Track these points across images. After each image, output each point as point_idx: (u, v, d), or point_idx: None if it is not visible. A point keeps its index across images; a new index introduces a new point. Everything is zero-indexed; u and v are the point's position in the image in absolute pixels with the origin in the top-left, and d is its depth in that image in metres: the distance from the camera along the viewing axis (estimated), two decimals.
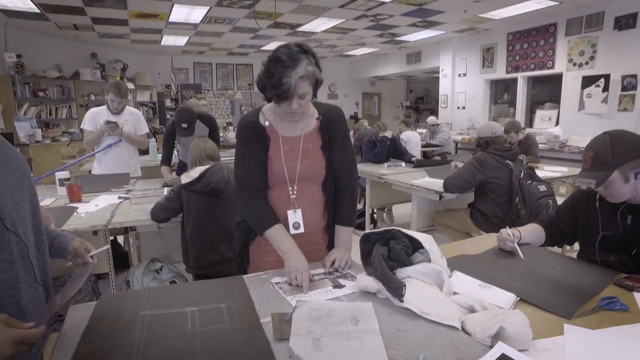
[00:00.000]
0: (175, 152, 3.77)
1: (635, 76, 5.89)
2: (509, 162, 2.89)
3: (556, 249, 2.35)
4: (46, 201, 2.70)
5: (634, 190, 1.44)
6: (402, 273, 1.23)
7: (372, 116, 14.16)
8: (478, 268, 1.48)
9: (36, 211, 1.03)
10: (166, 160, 3.56)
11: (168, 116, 10.64)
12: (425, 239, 1.26)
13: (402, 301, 1.12)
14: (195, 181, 2.12)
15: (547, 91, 7.53)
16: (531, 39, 7.31)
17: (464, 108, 8.91)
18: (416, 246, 1.28)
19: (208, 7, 6.24)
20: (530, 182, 2.86)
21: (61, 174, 2.95)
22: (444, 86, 9.30)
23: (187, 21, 7.12)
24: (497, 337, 0.99)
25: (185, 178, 2.17)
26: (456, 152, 7.97)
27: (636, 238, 1.48)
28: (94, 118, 3.51)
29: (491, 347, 0.96)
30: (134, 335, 1.03)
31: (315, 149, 1.48)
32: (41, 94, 7.69)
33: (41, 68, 7.75)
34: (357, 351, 0.94)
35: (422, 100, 14.85)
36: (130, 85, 9.26)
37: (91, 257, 1.20)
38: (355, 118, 12.78)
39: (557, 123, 7.07)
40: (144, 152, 4.83)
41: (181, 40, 8.82)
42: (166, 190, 2.87)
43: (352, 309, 1.12)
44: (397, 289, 1.14)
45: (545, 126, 7.24)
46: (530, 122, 7.74)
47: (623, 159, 1.41)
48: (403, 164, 4.41)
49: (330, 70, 13.02)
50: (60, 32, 7.67)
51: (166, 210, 2.21)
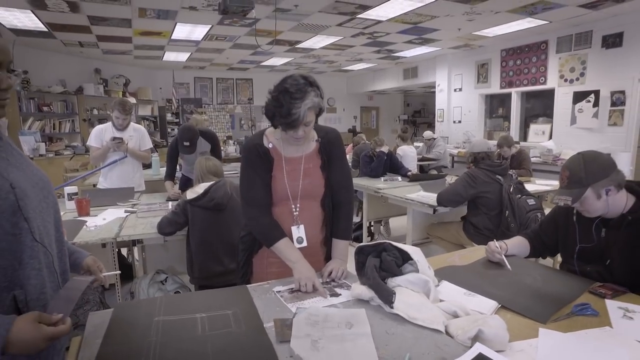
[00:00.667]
0: (177, 167, 3.90)
1: (623, 92, 6.07)
2: (499, 177, 3.03)
3: (544, 261, 2.47)
4: None
5: (606, 205, 1.57)
6: (393, 282, 1.35)
7: (371, 130, 14.35)
8: (464, 278, 1.60)
9: (59, 225, 1.15)
10: (170, 175, 3.68)
11: (169, 130, 10.80)
12: (413, 251, 1.39)
13: (392, 307, 1.24)
14: (200, 197, 2.24)
15: (541, 106, 7.72)
16: (524, 56, 7.53)
17: (460, 122, 9.09)
18: (406, 258, 1.41)
19: (210, 26, 6.44)
20: (519, 196, 2.99)
21: (70, 189, 3.07)
22: (440, 101, 9.50)
23: (189, 38, 7.31)
24: (477, 339, 1.10)
25: (190, 194, 2.29)
26: (452, 166, 8.11)
27: (609, 250, 1.60)
28: (100, 135, 3.64)
29: (470, 348, 1.07)
30: (150, 338, 1.14)
31: (315, 169, 1.61)
32: (45, 109, 7.86)
33: (46, 83, 7.92)
34: (351, 351, 1.06)
35: (420, 113, 15.06)
36: (132, 99, 9.44)
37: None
38: (353, 132, 12.95)
39: (551, 137, 7.24)
40: (147, 166, 4.96)
41: (183, 56, 9.02)
42: (170, 204, 2.99)
43: (347, 315, 1.24)
44: (388, 297, 1.26)
45: (539, 140, 7.41)
46: (524, 136, 7.91)
47: (595, 178, 1.54)
48: (399, 178, 4.54)
49: (328, 84, 13.25)
50: (65, 49, 7.86)
51: (172, 224, 2.33)
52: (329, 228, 1.69)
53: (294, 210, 1.60)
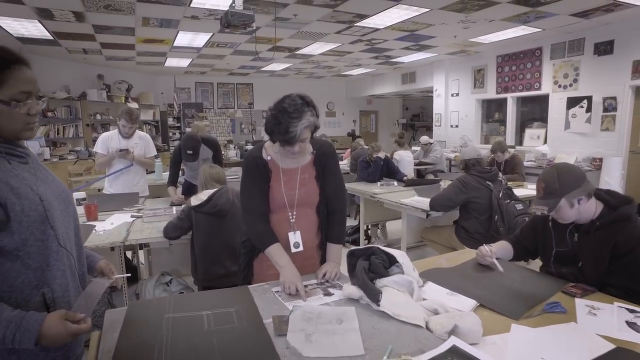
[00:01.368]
0: (180, 172, 4.03)
1: (614, 98, 6.22)
2: (489, 183, 3.17)
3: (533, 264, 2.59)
4: None
5: (578, 213, 1.72)
6: (380, 283, 1.48)
7: (370, 133, 14.50)
8: (448, 279, 1.73)
9: (77, 231, 1.29)
10: (173, 181, 3.81)
11: (170, 134, 10.96)
12: (399, 255, 1.52)
13: (379, 305, 1.38)
14: (203, 203, 2.38)
15: (537, 110, 7.86)
16: (519, 62, 7.68)
17: (457, 126, 9.24)
18: (392, 261, 1.54)
19: (211, 33, 6.59)
20: (508, 201, 3.13)
21: (78, 194, 3.22)
22: (438, 105, 9.65)
23: (191, 45, 7.47)
24: (453, 333, 1.24)
25: (194, 200, 2.43)
26: (450, 170, 8.25)
27: (581, 253, 1.74)
28: (106, 142, 3.78)
29: (446, 341, 1.21)
30: (162, 332, 1.28)
31: (310, 179, 1.75)
32: (50, 114, 8.02)
33: (51, 89, 8.08)
34: (340, 344, 1.19)
35: (418, 117, 15.21)
36: (134, 104, 9.60)
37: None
38: (352, 135, 13.09)
39: (546, 141, 7.38)
40: (150, 171, 5.10)
41: (184, 62, 9.18)
42: (174, 209, 3.13)
43: (338, 312, 1.38)
44: (375, 296, 1.39)
45: (534, 144, 7.55)
46: (520, 141, 8.05)
47: (568, 189, 1.68)
48: (395, 183, 4.68)
49: (328, 89, 13.42)
50: (69, 56, 8.02)
51: (177, 229, 2.47)
52: (324, 233, 1.82)
53: (291, 217, 1.74)
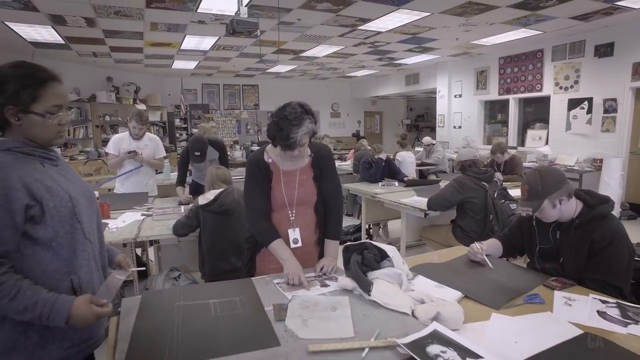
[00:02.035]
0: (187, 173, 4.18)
1: (615, 99, 6.29)
2: (485, 184, 3.28)
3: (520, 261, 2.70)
4: None
5: (560, 212, 1.84)
6: (372, 275, 1.61)
7: (374, 134, 14.62)
8: (438, 273, 1.86)
9: (99, 226, 1.44)
10: (181, 181, 3.96)
11: (177, 135, 11.15)
12: (390, 250, 1.66)
13: (370, 295, 1.51)
14: (211, 202, 2.53)
15: (539, 112, 7.94)
16: (521, 63, 7.76)
17: (460, 127, 9.33)
18: (384, 255, 1.68)
19: (217, 37, 6.75)
20: (503, 201, 3.24)
21: None
22: (441, 106, 9.75)
23: (198, 48, 7.64)
24: (436, 319, 1.37)
25: (202, 200, 2.58)
26: (452, 171, 8.34)
27: (562, 249, 1.86)
28: (118, 143, 3.94)
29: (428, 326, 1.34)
30: (174, 317, 1.42)
31: (308, 180, 1.89)
32: None
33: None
34: (333, 328, 1.33)
35: (423, 118, 15.29)
36: (142, 106, 9.80)
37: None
38: (357, 136, 13.22)
39: (547, 142, 7.45)
40: (158, 172, 5.26)
41: (191, 64, 9.36)
42: (183, 208, 3.28)
43: (333, 301, 1.51)
44: (367, 287, 1.53)
45: (536, 145, 7.63)
46: (522, 141, 8.13)
47: (550, 191, 1.80)
48: (396, 184, 4.80)
49: (332, 90, 13.55)
50: (80, 59, 8.23)
51: (186, 226, 2.62)
52: (321, 230, 1.96)
53: (291, 215, 1.87)
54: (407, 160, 6.05)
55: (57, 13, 5.07)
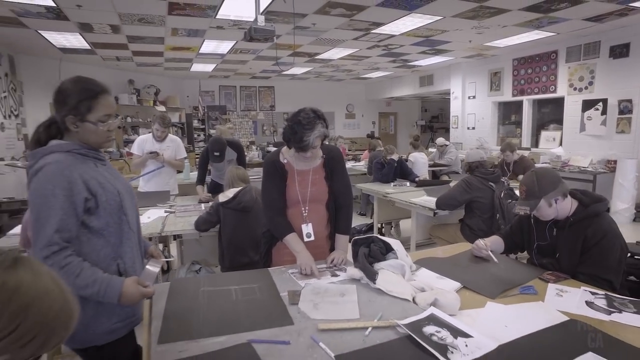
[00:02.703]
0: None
1: (630, 100, 6.28)
2: (492, 184, 3.39)
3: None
4: None
5: (556, 211, 1.96)
6: (378, 266, 1.77)
7: (389, 135, 14.69)
8: (440, 266, 2.00)
9: (138, 220, 1.63)
10: (201, 181, 4.17)
11: (195, 136, 11.44)
12: (394, 243, 1.81)
13: (375, 284, 1.66)
14: (230, 200, 2.71)
15: (553, 113, 7.94)
16: (535, 65, 7.78)
17: (474, 128, 9.37)
18: (389, 248, 1.83)
19: (235, 41, 6.97)
20: (509, 201, 3.35)
21: None
22: (455, 108, 9.80)
23: (216, 52, 7.88)
24: (434, 305, 1.51)
25: (222, 197, 2.77)
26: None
27: (559, 246, 1.98)
28: (142, 144, 4.16)
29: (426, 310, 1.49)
30: (199, 300, 1.60)
31: (320, 179, 2.05)
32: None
33: None
34: (341, 310, 1.49)
35: (437, 119, 15.30)
36: (162, 107, 10.11)
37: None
38: (371, 137, 13.32)
39: (561, 143, 7.46)
40: (178, 171, 5.49)
41: (209, 67, 9.62)
42: (203, 205, 3.48)
43: (342, 288, 1.67)
44: (372, 276, 1.68)
45: (549, 146, 7.64)
46: (536, 143, 8.14)
47: (546, 191, 1.92)
48: (408, 184, 4.92)
49: (347, 91, 13.69)
50: (103, 63, 8.57)
51: (207, 222, 2.81)
52: (333, 225, 2.12)
53: (304, 211, 2.04)
54: (420, 161, 6.16)
55: (86, 21, 5.35)
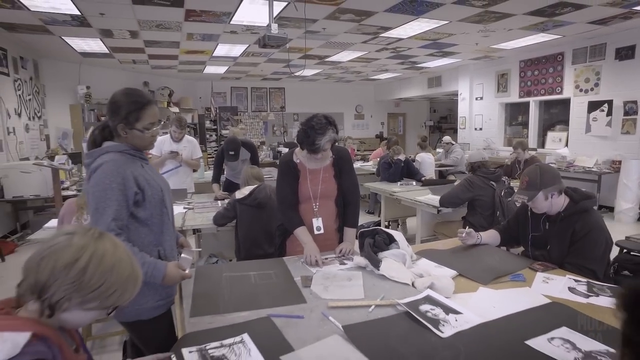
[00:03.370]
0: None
1: (635, 102, 6.38)
2: (493, 183, 3.56)
3: None
4: None
5: (550, 205, 2.13)
6: (381, 255, 1.96)
7: (397, 135, 14.81)
8: (439, 257, 2.19)
9: (173, 212, 1.85)
10: (216, 179, 4.41)
11: (207, 136, 11.72)
12: (396, 234, 2.01)
13: (379, 270, 1.86)
14: (246, 197, 2.93)
15: (559, 114, 8.04)
16: (541, 67, 7.89)
17: (481, 129, 9.49)
18: (392, 239, 2.02)
19: (247, 45, 7.21)
20: (509, 199, 3.51)
21: None
22: (462, 109, 9.93)
23: (228, 55, 8.13)
24: (431, 288, 1.71)
25: (239, 194, 2.98)
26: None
27: (549, 238, 2.16)
28: (160, 145, 4.40)
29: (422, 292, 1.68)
30: (222, 283, 1.82)
31: (330, 177, 2.26)
32: (103, 119, 8.87)
33: (103, 96, 8.92)
34: (348, 292, 1.69)
35: (446, 119, 15.41)
36: (175, 108, 10.40)
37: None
38: (380, 137, 13.49)
39: (567, 144, 7.56)
40: (194, 170, 5.73)
41: (221, 69, 9.88)
42: (219, 202, 3.71)
43: (349, 274, 1.87)
44: (376, 263, 1.88)
45: (556, 147, 7.75)
46: (542, 143, 8.25)
47: (546, 184, 2.09)
48: (414, 183, 5.10)
49: (356, 92, 13.87)
50: (120, 66, 8.87)
51: (224, 217, 3.03)
52: (341, 220, 2.32)
53: (315, 207, 2.25)
54: (427, 161, 6.33)
55: (107, 28, 5.63)
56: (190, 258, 1.70)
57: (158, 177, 1.70)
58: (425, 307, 1.53)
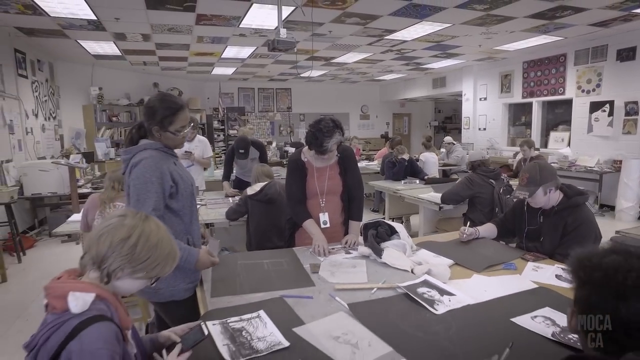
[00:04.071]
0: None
1: (636, 102, 6.49)
2: (492, 181, 3.71)
3: None
4: None
5: (548, 200, 2.28)
6: (384, 244, 2.13)
7: (403, 135, 14.91)
8: (437, 248, 2.35)
9: (195, 201, 2.02)
10: (227, 177, 4.60)
11: (215, 136, 11.93)
12: (397, 226, 2.18)
13: (381, 258, 2.03)
14: (257, 193, 3.11)
15: (562, 114, 8.15)
16: (544, 67, 8.01)
17: (485, 129, 9.61)
18: (393, 231, 2.19)
19: (255, 47, 7.40)
20: (508, 196, 3.66)
21: None
22: (466, 109, 10.06)
23: (237, 57, 8.32)
24: (428, 274, 1.87)
25: (250, 190, 3.17)
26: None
27: (543, 231, 2.31)
28: None
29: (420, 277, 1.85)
30: (238, 269, 2.00)
31: (335, 175, 2.43)
32: (114, 119, 9.13)
33: (115, 97, 9.19)
34: (352, 277, 1.86)
35: (451, 120, 15.51)
36: None
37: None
38: (385, 137, 13.62)
39: (569, 144, 7.67)
40: (204, 168, 5.92)
41: (229, 70, 10.07)
42: (230, 199, 3.89)
43: (353, 262, 2.05)
44: (379, 252, 2.05)
45: (558, 147, 7.86)
46: (545, 143, 8.36)
47: (545, 180, 2.24)
48: (417, 181, 5.26)
49: (362, 93, 14.02)
50: (131, 67, 9.10)
51: (236, 212, 3.21)
52: (346, 214, 2.49)
53: (321, 202, 2.42)
54: (430, 160, 6.48)
55: (120, 31, 5.84)
56: (217, 244, 1.89)
57: (187, 173, 1.88)
58: (422, 290, 1.70)
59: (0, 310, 3.53)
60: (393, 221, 5.53)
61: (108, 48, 6.88)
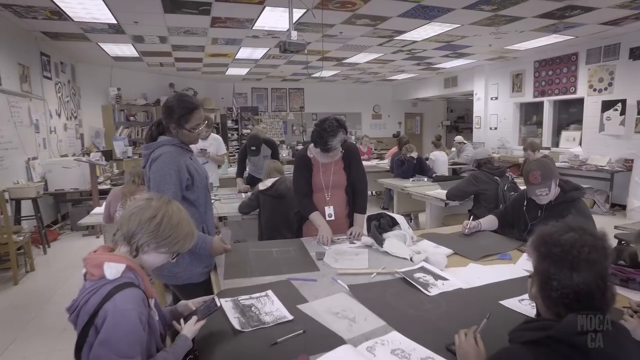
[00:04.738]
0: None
1: None
2: (497, 178, 3.80)
3: None
4: None
5: (555, 193, 2.38)
6: (385, 235, 2.27)
7: (415, 135, 14.98)
8: (438, 239, 2.47)
9: (209, 192, 2.18)
10: (240, 173, 4.77)
11: (229, 135, 12.16)
12: (398, 217, 2.31)
13: (382, 247, 2.17)
14: (269, 188, 3.27)
15: (574, 113, 8.13)
16: (555, 67, 8.01)
17: (496, 129, 9.63)
18: (395, 222, 2.33)
19: (268, 48, 7.58)
20: (512, 193, 3.75)
21: None
22: (478, 108, 10.08)
23: (250, 58, 8.51)
24: (426, 261, 2.00)
25: (261, 186, 3.33)
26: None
27: (541, 223, 2.40)
28: None
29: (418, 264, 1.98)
30: (249, 256, 2.15)
31: (340, 170, 2.57)
32: (132, 119, 9.43)
33: (132, 97, 9.48)
34: (354, 263, 2.00)
35: (463, 119, 15.47)
36: None
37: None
38: (398, 137, 13.67)
39: (581, 143, 7.66)
40: (218, 165, 6.12)
41: (243, 71, 10.28)
42: (243, 195, 4.07)
43: (356, 250, 2.19)
44: (380, 242, 2.19)
45: (570, 146, 7.86)
46: (556, 143, 8.35)
47: (555, 174, 2.34)
48: (425, 179, 5.37)
49: (374, 93, 14.11)
50: (148, 69, 9.37)
51: (249, 206, 3.38)
52: (351, 207, 2.63)
53: (327, 196, 2.57)
54: (440, 159, 6.57)
55: (139, 34, 6.08)
56: (229, 232, 2.06)
57: (202, 167, 2.04)
58: (418, 275, 1.83)
59: (32, 295, 3.80)
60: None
61: (127, 50, 7.14)
